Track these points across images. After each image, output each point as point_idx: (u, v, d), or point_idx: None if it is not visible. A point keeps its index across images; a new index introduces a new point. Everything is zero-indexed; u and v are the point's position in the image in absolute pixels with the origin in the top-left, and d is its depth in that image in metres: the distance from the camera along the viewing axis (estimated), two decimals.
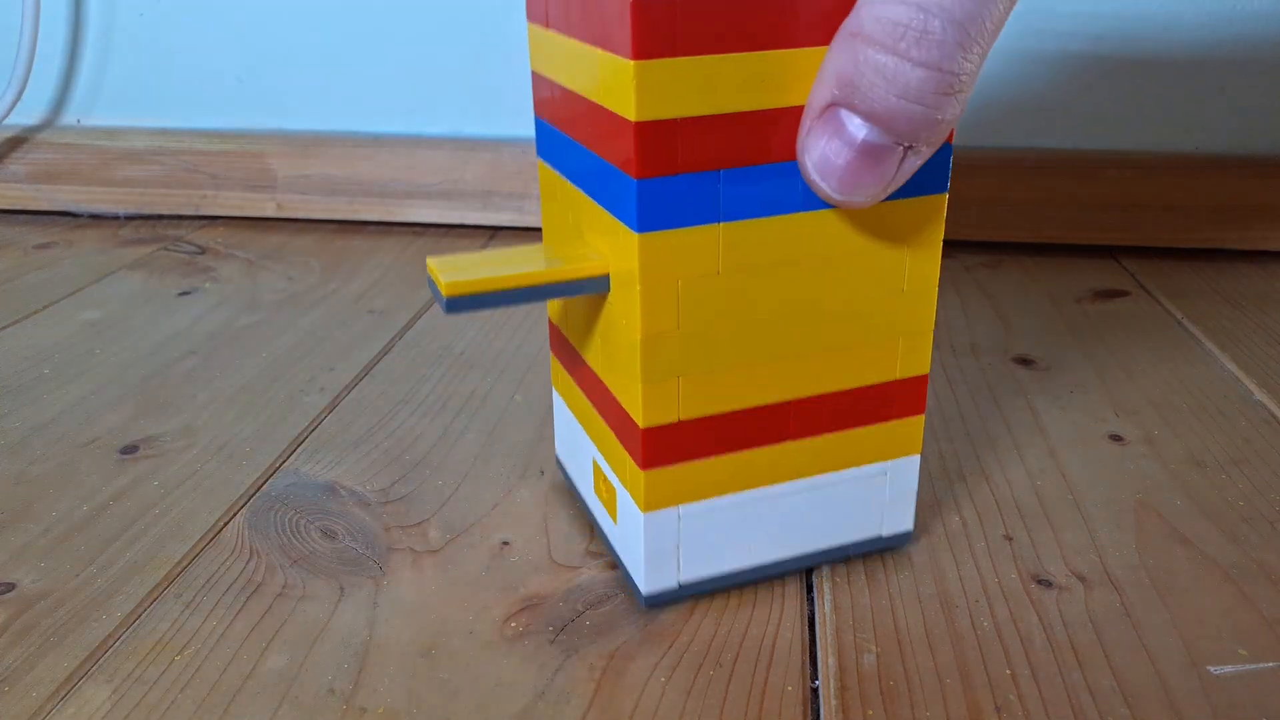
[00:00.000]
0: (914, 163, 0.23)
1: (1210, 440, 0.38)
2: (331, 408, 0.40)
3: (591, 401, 0.29)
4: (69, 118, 0.66)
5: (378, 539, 0.32)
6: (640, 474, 0.26)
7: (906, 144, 0.22)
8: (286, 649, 0.27)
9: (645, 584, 0.28)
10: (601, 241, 0.26)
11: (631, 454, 0.27)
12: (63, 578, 0.30)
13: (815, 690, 0.26)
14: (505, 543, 0.31)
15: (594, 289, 0.26)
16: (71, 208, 0.65)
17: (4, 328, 0.48)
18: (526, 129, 0.63)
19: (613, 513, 0.29)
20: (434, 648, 0.27)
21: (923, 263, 0.27)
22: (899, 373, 0.28)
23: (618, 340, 0.26)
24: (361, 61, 0.63)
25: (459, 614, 0.28)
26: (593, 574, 0.30)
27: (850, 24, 0.22)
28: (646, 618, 0.28)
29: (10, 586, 0.29)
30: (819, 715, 0.25)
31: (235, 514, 0.33)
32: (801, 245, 0.25)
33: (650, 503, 0.27)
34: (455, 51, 0.62)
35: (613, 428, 0.28)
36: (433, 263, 0.26)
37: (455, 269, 0.26)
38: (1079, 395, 0.41)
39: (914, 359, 0.28)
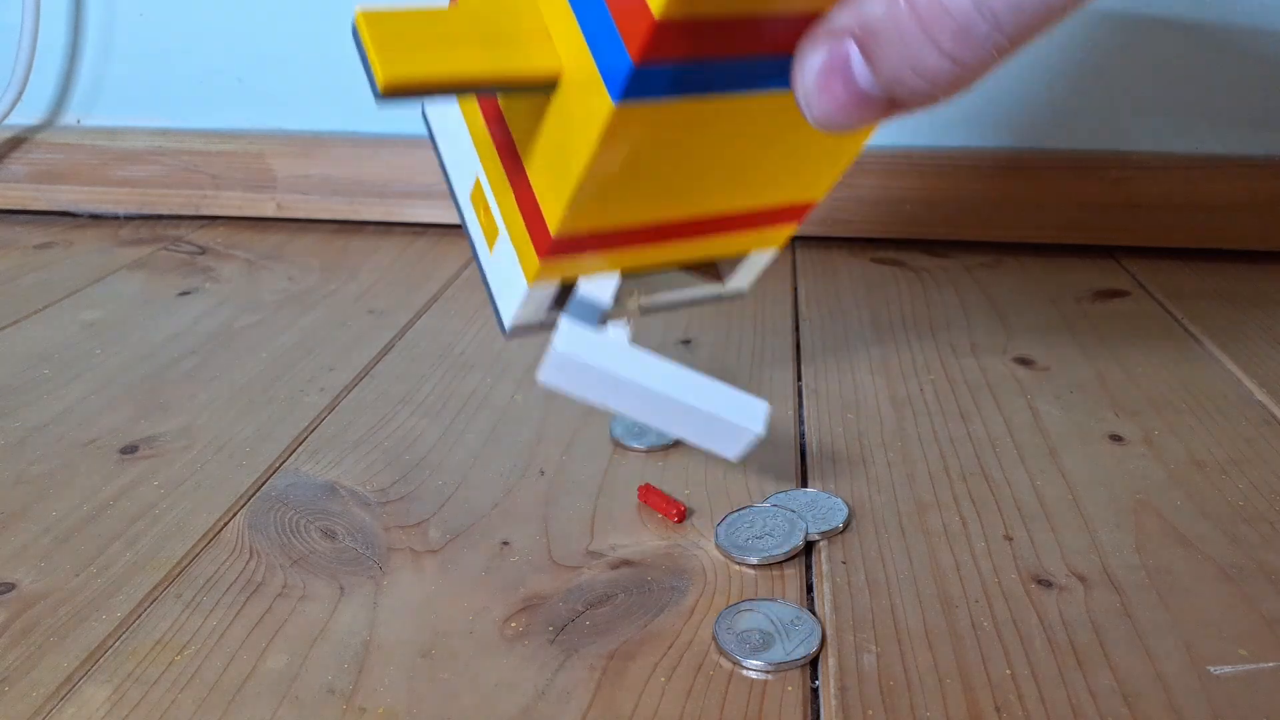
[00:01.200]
0: (895, 115, 0.23)
1: (1210, 440, 0.38)
2: (331, 408, 0.40)
3: (498, 149, 0.29)
4: (69, 118, 0.66)
5: (378, 539, 0.32)
6: (534, 259, 0.28)
7: (898, 104, 0.22)
8: (286, 649, 0.27)
9: (507, 320, 0.30)
10: (559, 36, 0.24)
11: (533, 238, 0.27)
12: (63, 578, 0.30)
13: (815, 690, 0.26)
14: (505, 543, 0.31)
15: (541, 90, 0.25)
16: (71, 208, 0.65)
17: (4, 328, 0.48)
18: None
19: (490, 243, 0.30)
20: (434, 648, 0.27)
21: (846, 153, 0.28)
22: (795, 199, 0.30)
23: (552, 139, 0.25)
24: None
25: (459, 614, 0.28)
26: (593, 574, 0.30)
27: None
28: (646, 617, 0.28)
29: (10, 586, 0.29)
30: (819, 715, 0.25)
31: (235, 514, 0.33)
32: (739, 123, 0.26)
33: (535, 280, 0.28)
34: None
35: (517, 198, 0.28)
36: (363, 22, 0.22)
37: (391, 45, 0.22)
38: (1079, 395, 0.41)
39: (815, 190, 0.30)
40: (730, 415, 0.28)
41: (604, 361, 0.28)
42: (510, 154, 0.29)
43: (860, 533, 0.32)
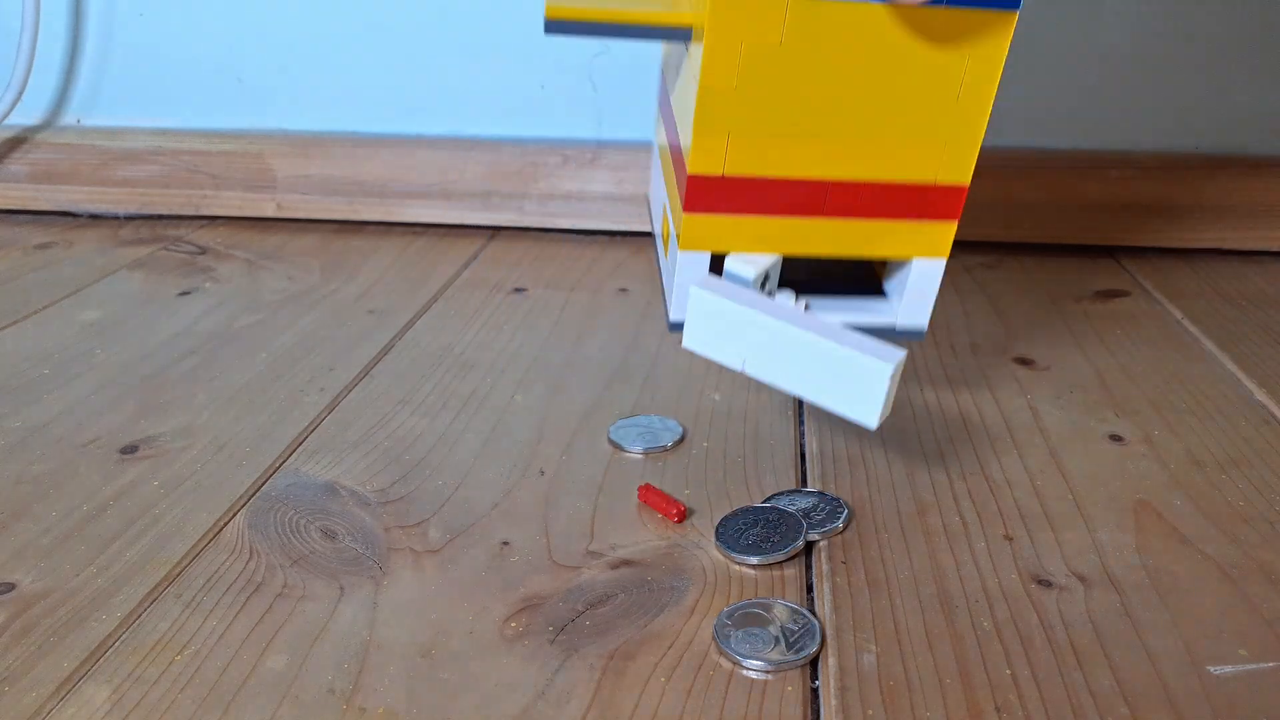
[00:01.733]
0: None
1: (1210, 440, 0.38)
2: (331, 408, 0.40)
3: (669, 149, 0.32)
4: (69, 118, 0.66)
5: (378, 539, 0.32)
6: (682, 215, 0.30)
7: None
8: (286, 649, 0.27)
9: (674, 312, 0.31)
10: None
11: (681, 198, 0.30)
12: (63, 578, 0.30)
13: (815, 690, 0.26)
14: (505, 543, 0.31)
15: (677, 38, 0.30)
16: (71, 208, 0.65)
17: (4, 328, 0.48)
18: (526, 129, 0.63)
19: (665, 247, 0.32)
20: (434, 648, 0.27)
21: (981, 77, 0.28)
22: (939, 177, 0.30)
23: (689, 92, 0.29)
24: (361, 61, 0.63)
25: (459, 614, 0.28)
26: (593, 574, 0.30)
27: None
28: (647, 617, 0.28)
29: (10, 586, 0.29)
30: (819, 715, 0.25)
31: (235, 514, 0.33)
32: (864, 35, 0.28)
33: (687, 242, 0.30)
34: (455, 51, 0.62)
35: (675, 173, 0.31)
36: None
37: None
38: (1079, 395, 0.41)
39: (956, 167, 0.30)
40: (865, 351, 0.28)
41: (733, 296, 0.29)
42: (674, 142, 0.31)
43: (860, 533, 0.32)
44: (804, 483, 0.35)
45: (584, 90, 0.62)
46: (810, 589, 0.30)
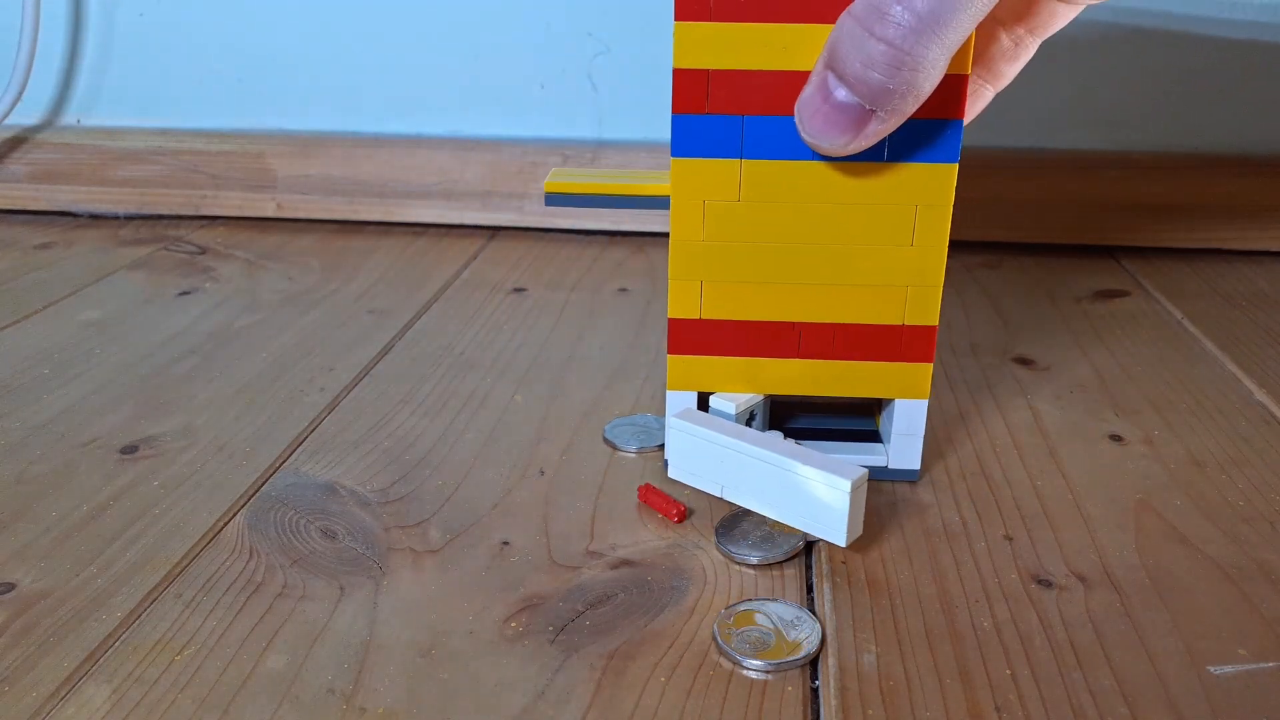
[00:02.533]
0: (878, 127, 0.27)
1: (1210, 440, 0.38)
2: (331, 408, 0.40)
3: None
4: (69, 118, 0.66)
5: (378, 539, 0.32)
6: (667, 358, 0.33)
7: (870, 107, 0.27)
8: (286, 649, 0.27)
9: (668, 448, 0.33)
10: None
11: (669, 345, 0.33)
12: (63, 578, 0.30)
13: (815, 690, 0.26)
14: (505, 543, 0.31)
15: (659, 206, 0.33)
16: (71, 208, 0.65)
17: (4, 328, 0.48)
18: (526, 129, 0.63)
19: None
20: (434, 648, 0.27)
21: (932, 223, 0.30)
22: (906, 319, 0.32)
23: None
24: (361, 61, 0.63)
25: (459, 614, 0.28)
26: (593, 574, 0.30)
27: (852, 4, 0.26)
28: (647, 617, 0.28)
29: (10, 586, 0.29)
30: (819, 715, 0.25)
31: (235, 514, 0.33)
32: (814, 188, 0.30)
33: (673, 382, 0.33)
34: (455, 51, 0.62)
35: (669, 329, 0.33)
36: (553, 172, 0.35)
37: (563, 175, 0.34)
38: (1079, 395, 0.41)
39: (921, 308, 0.31)
40: (827, 469, 0.29)
41: (711, 426, 0.32)
42: None
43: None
44: None
45: (584, 90, 0.62)
46: (810, 589, 0.30)
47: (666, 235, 0.39)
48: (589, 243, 0.61)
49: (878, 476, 0.34)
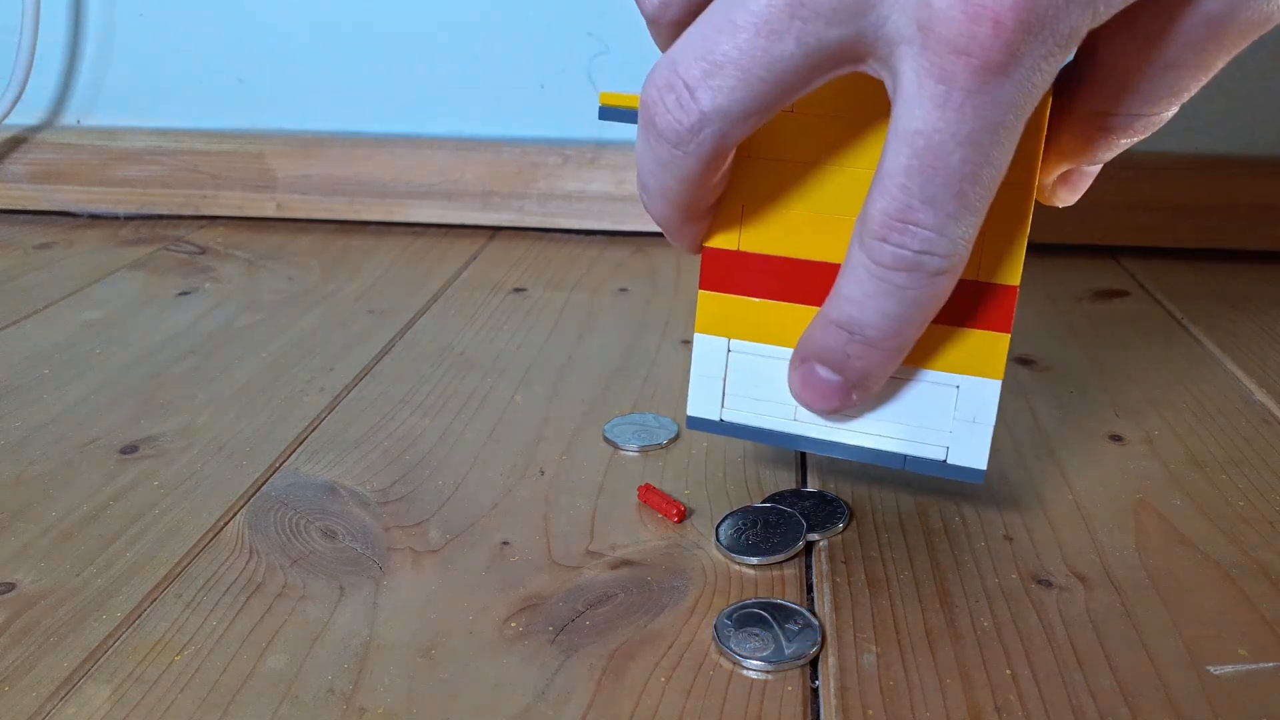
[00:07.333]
0: (864, 395, 0.27)
1: (1210, 440, 0.38)
2: (331, 408, 0.40)
3: None
4: (69, 118, 0.66)
5: (378, 539, 0.32)
6: (698, 293, 0.29)
7: (850, 386, 0.27)
8: (286, 649, 0.27)
9: (690, 407, 0.30)
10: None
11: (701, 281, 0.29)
12: (63, 578, 0.30)
13: (815, 690, 0.26)
14: (505, 543, 0.31)
15: None
16: (71, 208, 0.65)
17: (4, 328, 0.48)
18: (526, 129, 0.63)
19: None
20: (434, 648, 0.27)
21: (1019, 158, 0.23)
22: (980, 274, 0.26)
23: None
24: (361, 61, 0.63)
25: (459, 614, 0.28)
26: (593, 574, 0.30)
27: (826, 308, 0.26)
28: (646, 617, 0.28)
29: (10, 586, 0.29)
30: (819, 715, 0.25)
31: (235, 514, 0.33)
32: (879, 104, 0.25)
33: (703, 324, 0.29)
34: (455, 51, 0.62)
35: None
36: None
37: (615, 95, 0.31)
38: (1079, 395, 0.41)
39: (1002, 264, 0.26)
40: (958, 367, 0.26)
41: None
42: None
43: (860, 533, 0.32)
44: (804, 483, 0.35)
45: (584, 90, 0.62)
46: (810, 589, 0.30)
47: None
48: (589, 243, 0.61)
49: (931, 472, 0.28)
